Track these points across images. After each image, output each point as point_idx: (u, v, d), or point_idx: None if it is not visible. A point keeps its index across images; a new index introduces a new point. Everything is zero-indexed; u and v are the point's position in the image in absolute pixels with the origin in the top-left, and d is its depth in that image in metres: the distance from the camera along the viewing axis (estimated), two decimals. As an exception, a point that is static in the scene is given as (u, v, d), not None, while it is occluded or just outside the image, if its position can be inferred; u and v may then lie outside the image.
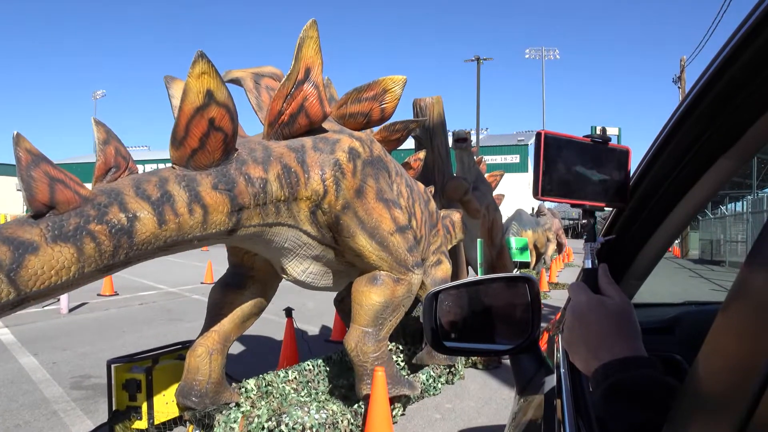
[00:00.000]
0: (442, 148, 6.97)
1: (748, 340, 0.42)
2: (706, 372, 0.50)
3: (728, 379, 0.44)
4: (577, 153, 0.94)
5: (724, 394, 0.44)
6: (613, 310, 0.84)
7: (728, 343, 0.47)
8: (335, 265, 3.88)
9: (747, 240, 17.02)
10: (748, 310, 0.44)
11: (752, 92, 0.83)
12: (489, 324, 1.26)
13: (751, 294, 0.45)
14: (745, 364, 0.41)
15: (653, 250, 1.24)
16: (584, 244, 0.97)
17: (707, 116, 0.91)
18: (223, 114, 2.86)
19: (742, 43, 0.73)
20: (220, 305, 3.77)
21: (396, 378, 3.86)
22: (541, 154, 0.90)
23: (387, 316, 3.78)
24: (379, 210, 3.70)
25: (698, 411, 0.50)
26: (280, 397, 4.15)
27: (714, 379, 0.48)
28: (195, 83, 2.74)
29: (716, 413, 0.45)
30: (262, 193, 3.14)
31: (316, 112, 3.47)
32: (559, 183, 0.93)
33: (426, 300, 1.19)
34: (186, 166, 2.88)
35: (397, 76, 3.97)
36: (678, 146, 0.99)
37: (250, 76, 3.90)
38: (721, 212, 22.43)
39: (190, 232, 2.80)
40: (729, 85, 0.83)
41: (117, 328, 7.66)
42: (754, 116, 0.87)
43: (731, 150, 0.94)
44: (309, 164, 3.42)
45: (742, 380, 0.40)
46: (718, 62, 0.80)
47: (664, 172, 1.03)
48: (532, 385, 1.25)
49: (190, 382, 3.58)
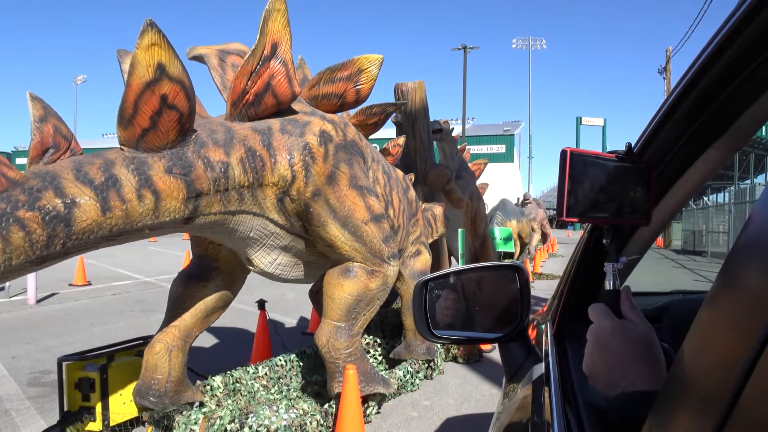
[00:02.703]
0: (424, 135, 6.74)
1: (731, 333, 0.43)
2: (690, 363, 0.51)
3: (712, 371, 0.45)
4: (601, 170, 0.91)
5: (707, 386, 0.45)
6: (636, 337, 0.83)
7: (712, 336, 0.48)
8: (306, 256, 3.65)
9: (729, 231, 17.13)
10: (731, 303, 0.45)
11: (740, 83, 0.83)
12: (478, 312, 1.26)
13: (734, 287, 0.45)
14: (728, 357, 0.41)
15: (641, 241, 1.24)
16: (606, 264, 0.92)
17: (696, 107, 0.91)
18: (178, 90, 2.60)
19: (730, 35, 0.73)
20: (182, 298, 3.52)
21: (370, 375, 3.66)
22: (567, 174, 0.86)
23: (360, 310, 3.56)
24: (352, 197, 3.47)
25: (682, 402, 0.50)
26: (248, 395, 3.93)
27: (698, 371, 0.49)
28: (144, 56, 2.48)
29: (700, 404, 0.46)
30: (223, 179, 2.89)
31: (284, 92, 3.21)
32: (584, 202, 0.89)
33: (416, 289, 1.19)
34: (136, 148, 2.61)
35: (373, 55, 3.73)
36: (667, 137, 0.98)
37: (215, 53, 3.62)
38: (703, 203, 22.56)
39: (140, 220, 2.54)
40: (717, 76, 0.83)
41: (86, 320, 7.36)
42: (742, 107, 0.87)
43: (720, 140, 0.94)
44: (276, 148, 3.17)
45: (726, 372, 0.40)
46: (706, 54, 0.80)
47: (653, 162, 1.01)
48: (521, 373, 1.26)
49: (147, 380, 3.33)
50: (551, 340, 1.25)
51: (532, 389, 1.12)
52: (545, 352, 1.21)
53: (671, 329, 1.33)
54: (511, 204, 15.28)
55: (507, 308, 1.18)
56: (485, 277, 1.27)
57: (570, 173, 0.87)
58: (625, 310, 0.87)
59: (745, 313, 0.41)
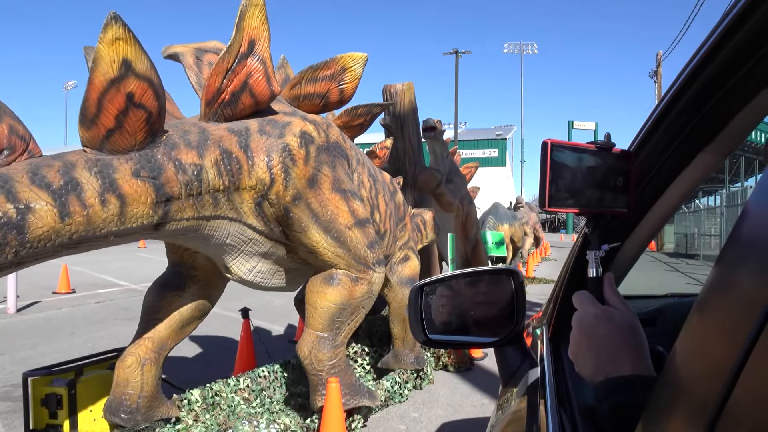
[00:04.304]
0: (414, 138, 6.60)
1: (721, 334, 0.43)
2: (681, 365, 0.51)
3: (702, 373, 0.45)
4: (581, 160, 0.93)
5: (698, 387, 0.45)
6: (620, 323, 0.84)
7: (703, 337, 0.47)
8: (287, 263, 3.49)
9: (721, 234, 17.15)
10: (721, 304, 0.45)
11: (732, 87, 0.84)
12: (474, 317, 1.27)
13: (724, 289, 0.46)
14: (719, 358, 0.41)
15: (635, 246, 1.24)
16: (588, 252, 0.95)
17: (688, 111, 0.92)
18: (145, 88, 2.45)
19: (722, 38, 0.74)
20: (156, 308, 3.35)
21: (354, 388, 3.50)
22: (548, 163, 0.87)
23: (345, 319, 3.40)
24: (335, 201, 3.31)
25: (674, 404, 0.50)
26: (227, 409, 3.75)
27: (689, 373, 0.49)
28: (108, 51, 2.32)
29: (691, 405, 0.46)
30: (196, 182, 2.73)
31: (263, 91, 3.06)
32: (565, 191, 0.91)
33: (411, 293, 1.22)
34: (100, 150, 2.45)
35: (357, 53, 3.59)
36: (659, 141, 0.99)
37: (191, 52, 3.46)
38: (695, 206, 22.60)
39: (104, 227, 2.38)
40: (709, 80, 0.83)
41: (66, 330, 7.14)
42: (734, 111, 0.88)
43: (712, 144, 0.95)
44: (253, 149, 3.02)
45: (716, 373, 0.40)
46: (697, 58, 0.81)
47: (646, 167, 1.03)
48: (516, 377, 1.27)
49: (118, 396, 3.15)
50: (547, 344, 1.25)
51: (528, 394, 1.13)
52: (541, 356, 1.22)
53: (666, 332, 1.30)
54: (504, 208, 15.18)
55: (502, 312, 1.21)
56: (481, 281, 1.29)
57: (551, 164, 0.87)
58: (608, 296, 0.88)
59: (735, 315, 0.41)
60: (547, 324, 1.41)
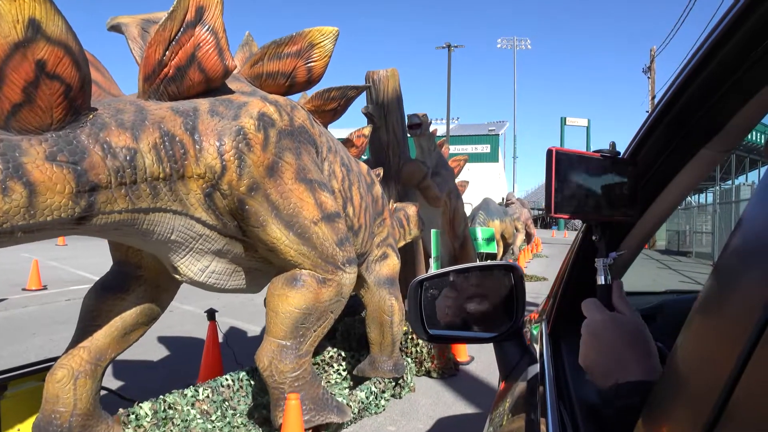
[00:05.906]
0: (398, 128, 6.21)
1: (722, 333, 0.43)
2: (682, 363, 0.51)
3: (704, 370, 0.45)
4: (587, 168, 0.93)
5: (699, 385, 0.45)
6: (628, 328, 0.85)
7: (704, 336, 0.47)
8: (246, 262, 3.11)
9: (714, 231, 16.96)
10: (722, 304, 0.45)
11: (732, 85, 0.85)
12: (473, 312, 1.27)
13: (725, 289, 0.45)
14: (720, 356, 0.41)
15: (634, 245, 1.24)
16: (596, 260, 0.94)
17: (688, 109, 0.93)
18: (60, 56, 2.05)
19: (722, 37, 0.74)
20: (94, 314, 2.95)
21: (321, 402, 3.12)
22: (553, 172, 0.89)
23: (310, 325, 3.03)
24: (299, 193, 2.93)
25: (675, 401, 0.50)
26: (181, 424, 3.37)
27: (690, 370, 0.49)
28: (9, 8, 1.92)
29: (692, 402, 0.45)
30: (129, 169, 2.34)
31: (214, 66, 2.67)
32: (571, 199, 0.91)
33: (411, 288, 1.23)
34: (6, 129, 2.05)
35: (327, 27, 3.20)
36: (659, 139, 1.00)
37: (137, 23, 3.05)
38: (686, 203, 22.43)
39: (6, 221, 1.98)
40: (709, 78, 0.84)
41: (28, 330, 6.71)
42: (734, 109, 0.89)
43: (712, 141, 0.96)
44: (202, 132, 2.63)
45: (717, 371, 0.40)
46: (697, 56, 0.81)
47: (646, 169, 1.04)
48: (516, 373, 1.28)
49: (48, 414, 2.76)
50: (546, 339, 1.25)
51: (527, 389, 1.15)
52: (540, 351, 1.23)
53: (665, 329, 1.32)
54: (494, 203, 14.84)
55: (502, 308, 1.25)
56: (480, 276, 1.30)
57: (556, 171, 0.89)
58: (616, 302, 0.89)
59: (735, 316, 0.41)
60: (546, 319, 1.41)
